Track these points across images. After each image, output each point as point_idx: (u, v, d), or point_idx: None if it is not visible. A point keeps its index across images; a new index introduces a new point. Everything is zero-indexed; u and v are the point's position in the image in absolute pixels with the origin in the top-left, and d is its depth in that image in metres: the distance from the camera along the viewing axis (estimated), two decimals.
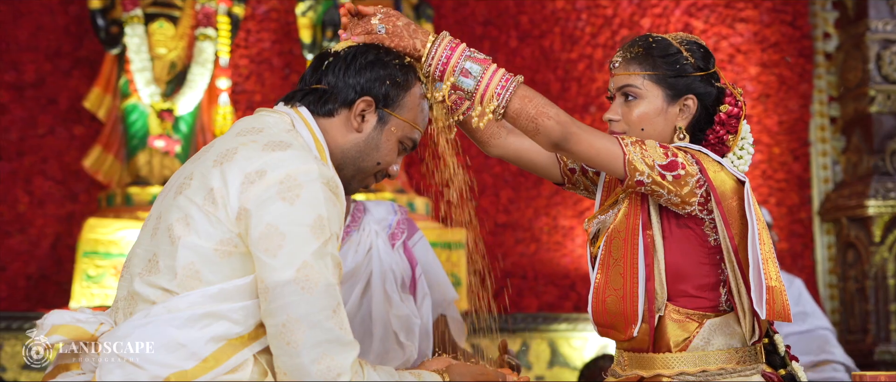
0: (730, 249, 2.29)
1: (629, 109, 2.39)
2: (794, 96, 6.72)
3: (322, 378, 2.00)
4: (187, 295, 2.03)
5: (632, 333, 2.35)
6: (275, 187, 2.02)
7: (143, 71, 5.68)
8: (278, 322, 2.00)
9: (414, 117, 2.27)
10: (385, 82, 2.22)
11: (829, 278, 6.60)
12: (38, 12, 6.08)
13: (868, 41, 6.43)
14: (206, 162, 2.10)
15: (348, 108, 2.22)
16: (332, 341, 2.01)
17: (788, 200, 6.66)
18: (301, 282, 2.00)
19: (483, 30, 6.56)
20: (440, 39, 2.24)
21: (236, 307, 2.04)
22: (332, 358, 2.01)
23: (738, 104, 2.42)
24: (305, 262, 2.01)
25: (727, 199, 2.29)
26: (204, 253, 2.04)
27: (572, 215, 6.45)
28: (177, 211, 2.07)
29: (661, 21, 6.67)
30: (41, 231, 5.92)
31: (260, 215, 2.01)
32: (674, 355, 2.33)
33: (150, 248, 2.10)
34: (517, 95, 2.24)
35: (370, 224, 3.20)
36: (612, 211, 2.40)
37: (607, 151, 2.25)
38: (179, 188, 2.10)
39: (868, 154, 6.39)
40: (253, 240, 2.02)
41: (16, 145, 5.97)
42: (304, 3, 6.10)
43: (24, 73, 6.03)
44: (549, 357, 5.97)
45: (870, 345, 6.12)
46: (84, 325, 2.08)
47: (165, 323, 2.01)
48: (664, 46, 2.40)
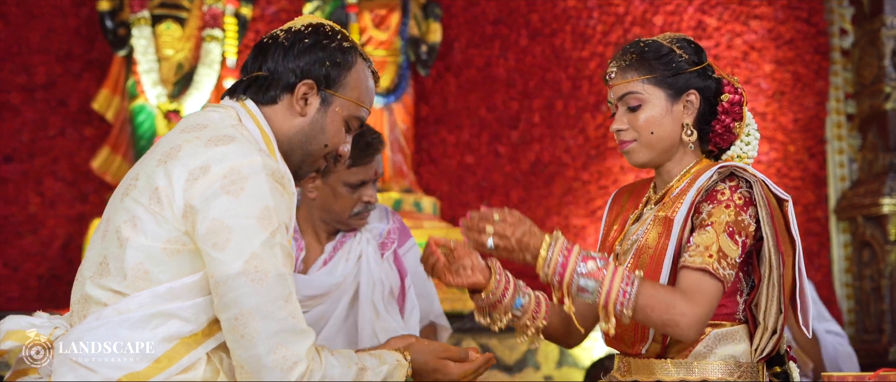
0: (780, 271, 2.28)
1: (635, 116, 2.38)
2: (809, 94, 6.65)
3: (278, 368, 2.00)
4: (137, 296, 2.03)
5: (640, 350, 2.35)
6: (219, 181, 2.02)
7: (150, 72, 5.72)
8: (231, 316, 2.00)
9: (358, 96, 2.25)
10: (325, 63, 2.20)
11: (845, 277, 6.52)
12: (49, 15, 6.13)
13: (884, 37, 6.34)
14: (151, 162, 2.10)
15: (290, 92, 2.21)
16: (286, 330, 2.01)
17: (804, 198, 6.59)
18: (251, 274, 2.00)
19: (493, 29, 6.54)
20: (553, 245, 2.21)
21: (186, 306, 2.04)
22: (288, 348, 2.01)
23: (737, 91, 2.43)
24: (254, 254, 2.01)
25: (775, 220, 2.28)
26: (152, 253, 2.04)
27: (584, 215, 6.41)
28: (124, 213, 2.08)
29: (673, 18, 6.61)
30: (52, 232, 5.98)
31: (206, 211, 2.01)
32: (675, 361, 2.33)
33: (100, 251, 2.10)
34: (639, 301, 2.21)
35: (362, 231, 3.20)
36: (642, 228, 2.40)
37: (718, 295, 2.25)
38: (126, 190, 2.11)
39: (884, 152, 6.31)
40: (200, 236, 2.02)
41: (27, 146, 6.03)
42: (311, 3, 6.12)
43: (35, 75, 6.08)
44: (558, 356, 5.94)
45: (885, 345, 6.04)
46: (38, 329, 2.08)
47: (116, 325, 2.01)
48: (656, 48, 2.40)
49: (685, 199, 2.32)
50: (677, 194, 2.36)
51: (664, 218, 2.33)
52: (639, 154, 2.41)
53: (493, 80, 6.52)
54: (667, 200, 2.39)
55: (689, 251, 2.25)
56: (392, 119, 6.12)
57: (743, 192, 2.29)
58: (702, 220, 2.28)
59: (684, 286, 2.23)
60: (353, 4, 6.10)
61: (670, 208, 2.34)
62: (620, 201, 2.58)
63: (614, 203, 2.60)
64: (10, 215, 6.00)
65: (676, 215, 2.31)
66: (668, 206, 2.35)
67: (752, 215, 2.27)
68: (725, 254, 2.23)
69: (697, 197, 2.30)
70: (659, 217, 2.35)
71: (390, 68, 6.15)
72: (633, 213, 2.50)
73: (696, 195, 2.30)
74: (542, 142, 6.47)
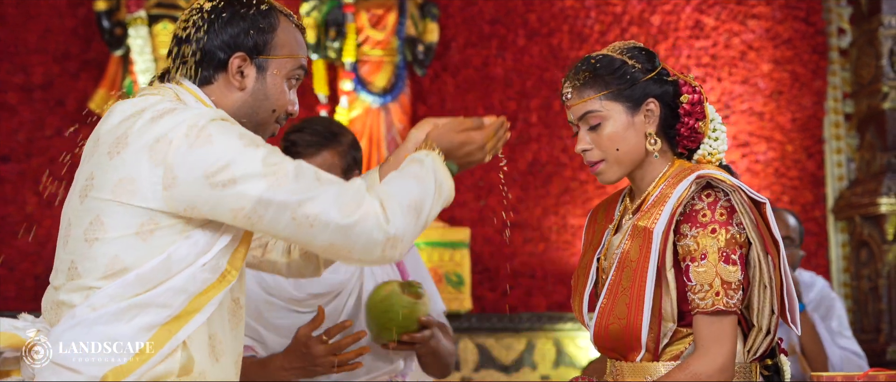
0: (770, 273, 2.29)
1: (597, 134, 2.37)
2: (807, 93, 6.64)
3: (358, 219, 2.00)
4: (106, 288, 1.99)
5: (634, 359, 2.35)
6: (183, 144, 1.99)
7: (147, 72, 5.72)
8: (286, 223, 2.00)
9: (292, 50, 2.22)
10: (249, 32, 2.16)
11: (842, 277, 6.52)
12: (46, 15, 6.13)
13: (881, 37, 6.34)
14: (101, 157, 2.05)
15: (223, 70, 2.17)
16: (337, 193, 2.02)
17: (802, 198, 6.58)
18: (273, 183, 1.99)
19: (491, 28, 6.54)
20: None
21: (160, 291, 2.00)
22: (348, 201, 2.01)
23: (696, 90, 2.41)
24: (262, 166, 2.00)
25: (759, 226, 2.28)
26: (125, 243, 2.00)
27: (581, 214, 6.41)
28: (86, 215, 2.04)
29: (671, 18, 6.61)
30: (49, 232, 5.97)
31: (190, 170, 1.99)
32: (667, 364, 2.32)
33: (65, 258, 2.06)
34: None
35: None
36: (623, 239, 2.39)
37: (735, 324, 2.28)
38: (83, 191, 2.06)
39: (881, 151, 6.30)
40: (200, 194, 1.99)
41: (24, 146, 6.03)
42: (308, 3, 6.12)
43: (33, 75, 6.09)
44: (555, 356, 5.95)
45: (882, 344, 6.03)
46: (19, 332, 2.05)
47: (92, 323, 1.98)
48: (608, 62, 2.38)
49: (664, 210, 2.30)
50: (654, 202, 2.35)
51: (643, 229, 2.32)
52: (610, 173, 2.40)
53: (491, 79, 6.51)
54: (644, 208, 2.38)
55: (696, 293, 2.26)
56: (389, 119, 6.12)
57: (722, 205, 2.28)
58: (690, 249, 2.28)
59: (704, 335, 2.26)
60: (350, 4, 6.10)
61: (649, 217, 2.33)
62: (596, 219, 2.57)
63: (591, 222, 2.58)
64: (6, 214, 6.00)
65: (655, 226, 2.29)
66: (647, 216, 2.34)
67: (737, 223, 2.27)
68: (728, 282, 2.24)
69: (677, 210, 2.29)
70: (638, 228, 2.33)
71: (387, 68, 6.15)
72: (611, 225, 2.49)
73: (674, 209, 2.29)
74: (539, 142, 6.47)
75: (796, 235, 4.48)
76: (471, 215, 6.30)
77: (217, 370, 2.10)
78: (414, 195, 2.10)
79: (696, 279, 2.26)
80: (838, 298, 4.99)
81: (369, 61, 6.12)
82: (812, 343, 4.43)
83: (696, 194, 2.30)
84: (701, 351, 2.25)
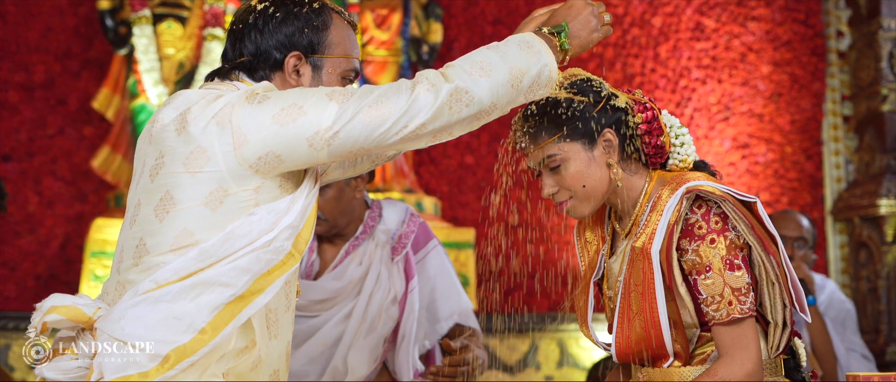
0: (775, 271, 2.29)
1: (560, 175, 2.36)
2: (806, 95, 6.67)
3: (415, 96, 2.04)
4: (172, 263, 1.99)
5: (662, 366, 2.36)
6: (246, 105, 2.03)
7: (152, 71, 5.68)
8: (369, 132, 2.03)
9: (345, 50, 2.25)
10: (304, 31, 2.19)
11: (842, 278, 6.55)
12: (47, 14, 6.09)
13: (881, 39, 6.37)
14: (167, 139, 2.06)
15: (279, 69, 2.19)
16: (398, 87, 2.05)
17: (801, 199, 6.61)
18: (340, 99, 2.03)
19: (493, 29, 6.53)
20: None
21: (225, 269, 2.00)
22: (406, 89, 2.05)
23: (647, 107, 2.39)
24: (327, 93, 2.04)
25: (755, 228, 2.29)
26: (195, 213, 2.01)
27: None
28: (157, 191, 2.04)
29: (672, 20, 6.63)
30: (50, 232, 5.94)
31: (258, 123, 2.01)
32: (695, 368, 2.33)
33: (134, 236, 2.07)
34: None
35: (378, 234, 3.17)
36: (624, 265, 2.39)
37: (754, 326, 2.30)
38: (154, 170, 2.07)
39: (880, 153, 6.34)
40: (276, 137, 2.01)
41: (25, 145, 5.99)
42: None
43: (34, 74, 6.04)
44: (559, 357, 5.95)
45: (882, 345, 6.07)
46: (83, 308, 2.04)
47: (157, 299, 1.97)
48: (555, 105, 2.35)
49: (658, 229, 2.29)
50: (646, 221, 2.34)
51: (642, 250, 2.31)
52: (580, 208, 2.38)
53: None
54: (635, 230, 2.37)
55: (710, 305, 2.27)
56: None
57: (715, 213, 2.28)
58: (694, 263, 2.28)
59: (727, 343, 2.27)
60: (355, 4, 6.09)
61: (644, 238, 2.32)
62: (584, 237, 2.57)
63: (579, 238, 2.59)
64: (8, 214, 5.95)
65: (652, 247, 2.29)
66: (642, 236, 2.33)
67: (733, 227, 2.28)
68: (737, 289, 2.26)
69: (673, 228, 2.28)
70: (636, 250, 2.33)
71: (391, 68, 6.14)
72: (605, 247, 2.49)
73: (670, 226, 2.28)
74: None
75: (809, 236, 4.50)
76: (474, 216, 6.30)
77: (273, 347, 2.10)
78: (480, 57, 2.10)
79: (705, 291, 2.26)
80: (849, 300, 5.02)
81: (374, 61, 6.11)
82: (821, 338, 4.45)
83: (688, 208, 2.29)
84: (727, 359, 2.25)
